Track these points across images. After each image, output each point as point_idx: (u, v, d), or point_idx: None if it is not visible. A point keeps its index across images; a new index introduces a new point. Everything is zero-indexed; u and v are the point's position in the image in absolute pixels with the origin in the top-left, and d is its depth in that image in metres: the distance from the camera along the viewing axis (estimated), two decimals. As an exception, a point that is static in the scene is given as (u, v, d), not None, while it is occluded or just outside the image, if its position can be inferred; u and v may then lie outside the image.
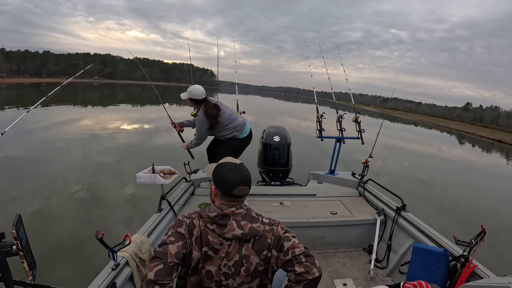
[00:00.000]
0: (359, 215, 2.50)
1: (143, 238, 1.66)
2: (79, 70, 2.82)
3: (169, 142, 8.65)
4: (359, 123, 3.21)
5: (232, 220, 0.97)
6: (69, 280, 2.37)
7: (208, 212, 0.98)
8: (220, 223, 0.96)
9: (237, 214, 0.98)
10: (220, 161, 1.10)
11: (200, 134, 2.63)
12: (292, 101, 71.32)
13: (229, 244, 0.96)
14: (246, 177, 1.03)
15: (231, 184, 0.99)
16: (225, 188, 1.00)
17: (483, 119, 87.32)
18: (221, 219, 0.96)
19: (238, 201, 1.02)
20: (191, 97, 2.55)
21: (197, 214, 1.02)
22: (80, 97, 24.85)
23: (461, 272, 1.58)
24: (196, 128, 2.64)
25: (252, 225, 0.98)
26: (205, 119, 2.54)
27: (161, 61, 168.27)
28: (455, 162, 12.07)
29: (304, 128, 13.31)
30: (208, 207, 1.02)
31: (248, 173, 1.05)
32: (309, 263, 0.91)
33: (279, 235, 0.98)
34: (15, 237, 0.82)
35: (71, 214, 3.69)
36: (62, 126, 9.89)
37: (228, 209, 0.98)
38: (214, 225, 0.96)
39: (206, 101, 2.58)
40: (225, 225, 0.96)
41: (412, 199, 5.40)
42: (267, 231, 0.99)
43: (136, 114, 15.66)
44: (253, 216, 1.01)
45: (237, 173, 1.01)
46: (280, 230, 1.01)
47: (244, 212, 1.00)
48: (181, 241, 0.93)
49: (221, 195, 1.02)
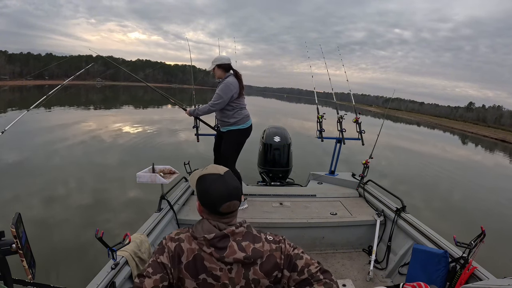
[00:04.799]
0: (359, 216, 2.50)
1: (143, 238, 1.67)
2: (82, 73, 2.80)
3: (170, 142, 8.71)
4: (359, 124, 3.20)
5: (232, 241, 0.84)
6: (69, 279, 2.39)
7: (203, 233, 0.84)
8: (219, 245, 0.83)
9: (237, 234, 0.85)
10: (202, 171, 0.93)
11: (220, 98, 2.41)
12: (294, 102, 71.33)
13: (229, 269, 0.84)
14: (233, 189, 0.88)
15: (216, 200, 0.85)
16: (210, 205, 0.87)
17: (486, 119, 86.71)
18: (219, 241, 0.83)
19: (228, 217, 0.88)
20: (220, 63, 2.47)
21: (188, 235, 0.88)
22: (84, 98, 25.04)
23: (460, 274, 1.58)
24: (219, 91, 2.43)
25: (255, 245, 0.85)
26: (236, 82, 2.44)
27: (163, 63, 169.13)
28: (458, 162, 11.99)
29: (305, 128, 13.32)
30: (201, 224, 0.88)
31: (236, 183, 0.90)
32: (328, 279, 0.84)
33: (290, 254, 0.88)
34: (15, 235, 0.82)
35: (71, 214, 3.72)
36: (65, 127, 9.96)
37: (227, 229, 0.85)
38: (212, 248, 0.83)
39: (234, 70, 2.53)
40: (224, 248, 0.83)
41: (415, 200, 5.40)
42: (274, 250, 0.87)
43: (138, 115, 15.75)
44: (255, 235, 0.89)
45: (221, 187, 0.86)
46: (289, 247, 0.90)
47: (244, 230, 0.87)
48: (160, 273, 0.83)
49: (207, 212, 0.89)
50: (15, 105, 16.90)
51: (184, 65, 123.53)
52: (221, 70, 2.51)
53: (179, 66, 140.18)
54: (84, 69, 2.79)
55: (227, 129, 2.58)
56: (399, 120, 39.17)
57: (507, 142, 29.06)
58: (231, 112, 2.51)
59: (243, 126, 2.56)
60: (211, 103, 2.47)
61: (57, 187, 4.60)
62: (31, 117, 9.77)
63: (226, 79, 2.46)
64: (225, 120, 2.55)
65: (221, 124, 2.66)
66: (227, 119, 2.53)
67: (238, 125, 2.54)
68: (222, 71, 2.51)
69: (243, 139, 2.63)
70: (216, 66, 2.50)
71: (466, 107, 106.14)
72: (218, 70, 2.51)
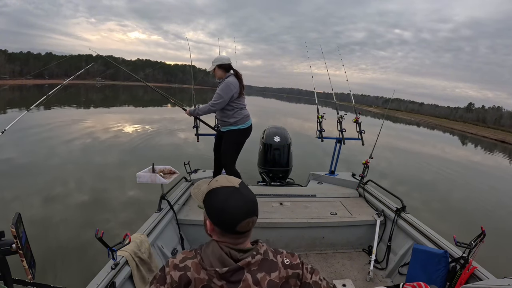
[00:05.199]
0: (359, 216, 2.50)
1: (143, 238, 1.67)
2: (82, 72, 2.80)
3: (170, 142, 8.70)
4: (359, 124, 3.21)
5: (246, 273, 0.74)
6: (69, 279, 2.39)
7: (214, 263, 0.74)
8: (232, 279, 0.73)
9: (253, 264, 0.75)
10: (211, 183, 0.81)
11: (220, 98, 2.41)
12: (294, 102, 71.35)
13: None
14: (252, 204, 0.77)
15: (233, 218, 0.74)
16: (226, 224, 0.75)
17: (485, 120, 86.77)
18: (233, 274, 0.73)
19: (245, 236, 0.78)
20: (220, 63, 2.49)
21: (196, 262, 0.76)
22: (84, 98, 25.02)
23: (460, 274, 1.58)
24: (219, 91, 2.43)
25: (271, 276, 0.76)
26: (236, 82, 2.45)
27: (163, 63, 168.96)
28: (458, 163, 11.99)
29: (305, 128, 13.33)
30: (211, 249, 0.76)
31: (253, 195, 0.80)
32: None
33: (308, 282, 0.81)
34: (15, 235, 0.82)
35: (71, 214, 3.71)
36: (65, 127, 9.96)
37: (242, 261, 0.74)
38: (223, 281, 0.73)
39: (234, 70, 2.54)
40: (238, 282, 0.74)
41: (415, 200, 5.40)
42: (290, 277, 0.79)
43: (138, 115, 15.73)
44: (271, 261, 0.78)
45: (239, 202, 0.75)
46: (307, 273, 0.82)
47: (260, 258, 0.76)
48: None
49: (220, 232, 0.77)
50: (15, 105, 16.88)
51: (184, 65, 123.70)
52: (221, 70, 2.51)
53: (179, 66, 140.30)
54: (84, 69, 2.79)
55: (227, 129, 2.58)
56: (399, 120, 39.18)
57: (507, 143, 29.09)
58: (231, 112, 2.51)
59: (243, 126, 2.56)
60: (211, 103, 2.47)
61: (57, 187, 4.59)
62: (31, 117, 9.77)
63: (226, 79, 2.47)
64: (225, 120, 2.55)
65: (221, 124, 2.66)
66: (227, 119, 2.53)
67: (238, 125, 2.54)
68: (223, 71, 2.52)
69: (243, 139, 2.63)
70: (217, 67, 2.51)
71: (466, 107, 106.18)
72: (219, 71, 2.52)
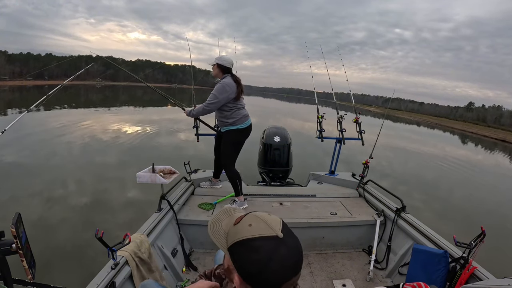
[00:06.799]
0: (359, 216, 2.50)
1: (143, 238, 1.67)
2: (82, 73, 2.80)
3: (170, 142, 8.71)
4: (359, 124, 3.20)
5: None
6: (69, 279, 2.38)
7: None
8: None
9: None
10: (241, 227, 0.60)
11: (215, 98, 2.40)
12: (294, 102, 71.34)
13: None
14: (299, 257, 0.59)
15: (277, 279, 0.56)
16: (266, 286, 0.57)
17: (486, 119, 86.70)
18: None
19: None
20: (220, 63, 2.48)
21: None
22: (83, 98, 25.03)
23: (460, 274, 1.58)
24: (214, 91, 2.41)
25: None
26: (233, 83, 2.43)
27: (163, 63, 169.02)
28: (458, 163, 11.98)
29: (305, 129, 13.32)
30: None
31: (298, 242, 0.62)
32: None
33: None
34: (15, 235, 0.83)
35: (71, 214, 3.71)
36: (65, 127, 9.96)
37: None
38: None
39: (232, 74, 2.53)
40: None
41: (415, 200, 5.40)
42: None
43: (138, 115, 15.74)
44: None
45: (287, 260, 0.56)
46: None
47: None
48: None
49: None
50: (15, 105, 16.89)
51: (184, 65, 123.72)
52: (219, 70, 2.52)
53: (179, 66, 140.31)
54: (84, 69, 2.78)
55: (226, 129, 2.59)
56: (399, 120, 39.15)
57: (507, 142, 29.07)
58: (228, 113, 2.51)
59: (242, 126, 2.56)
60: (205, 103, 2.47)
61: (57, 187, 4.59)
62: (31, 117, 9.77)
63: (223, 80, 2.47)
64: (223, 120, 2.56)
65: (220, 124, 2.66)
66: (225, 119, 2.54)
67: (236, 125, 2.54)
68: (220, 71, 2.52)
69: (242, 139, 2.63)
70: (217, 64, 2.51)
71: (466, 107, 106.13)
72: (217, 68, 2.52)
